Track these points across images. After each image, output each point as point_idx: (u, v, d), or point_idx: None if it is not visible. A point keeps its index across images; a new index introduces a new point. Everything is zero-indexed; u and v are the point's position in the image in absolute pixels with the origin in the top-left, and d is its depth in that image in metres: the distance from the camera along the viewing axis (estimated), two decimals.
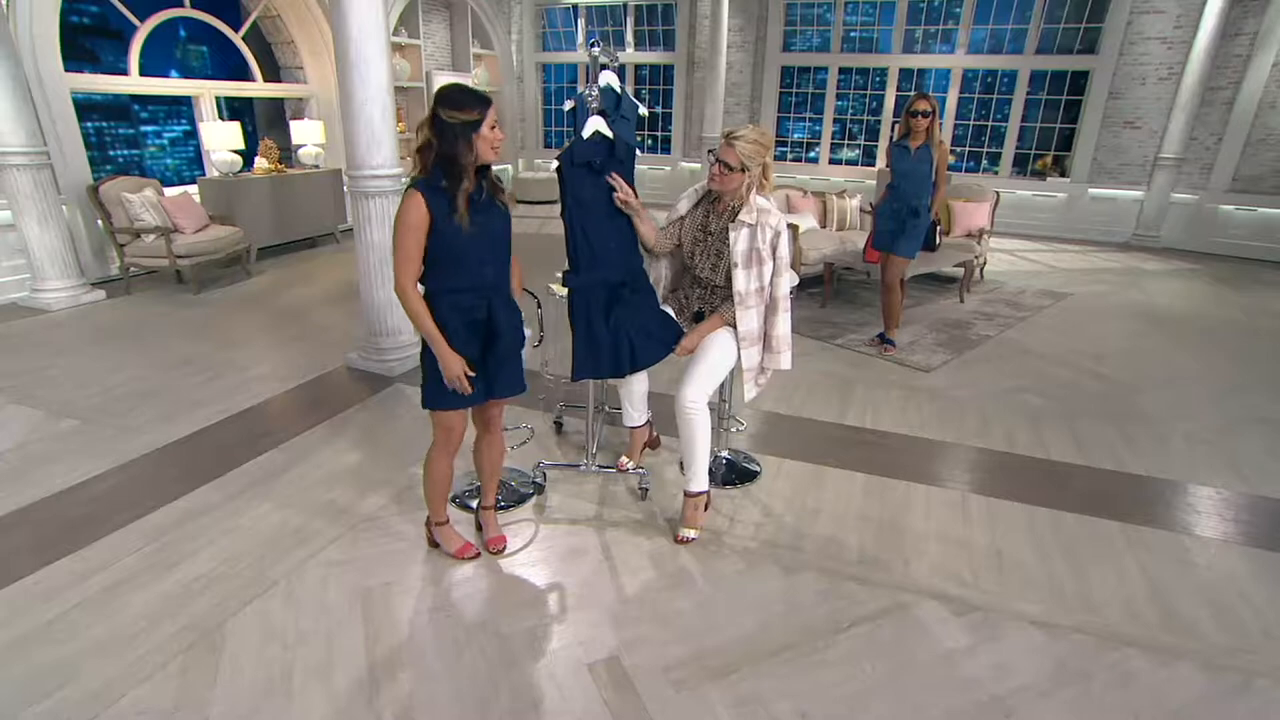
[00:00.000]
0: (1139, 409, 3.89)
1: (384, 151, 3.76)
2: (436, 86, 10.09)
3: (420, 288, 2.08)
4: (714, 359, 2.48)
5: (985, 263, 6.57)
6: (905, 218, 4.22)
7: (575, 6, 11.10)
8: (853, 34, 9.88)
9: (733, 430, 3.17)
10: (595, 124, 2.35)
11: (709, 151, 2.44)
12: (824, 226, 6.47)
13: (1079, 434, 3.56)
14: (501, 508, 2.78)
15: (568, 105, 2.56)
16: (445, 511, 2.45)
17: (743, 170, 2.33)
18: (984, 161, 9.63)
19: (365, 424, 3.46)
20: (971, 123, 9.52)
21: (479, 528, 2.59)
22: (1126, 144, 8.71)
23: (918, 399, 3.94)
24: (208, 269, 6.00)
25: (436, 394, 2.15)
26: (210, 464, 3.03)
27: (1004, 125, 9.34)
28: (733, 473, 3.04)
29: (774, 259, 2.41)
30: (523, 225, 9.13)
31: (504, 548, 2.52)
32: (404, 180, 2.05)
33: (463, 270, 2.06)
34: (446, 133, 1.91)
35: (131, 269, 5.68)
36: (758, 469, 3.12)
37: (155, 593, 2.24)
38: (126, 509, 2.68)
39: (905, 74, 9.67)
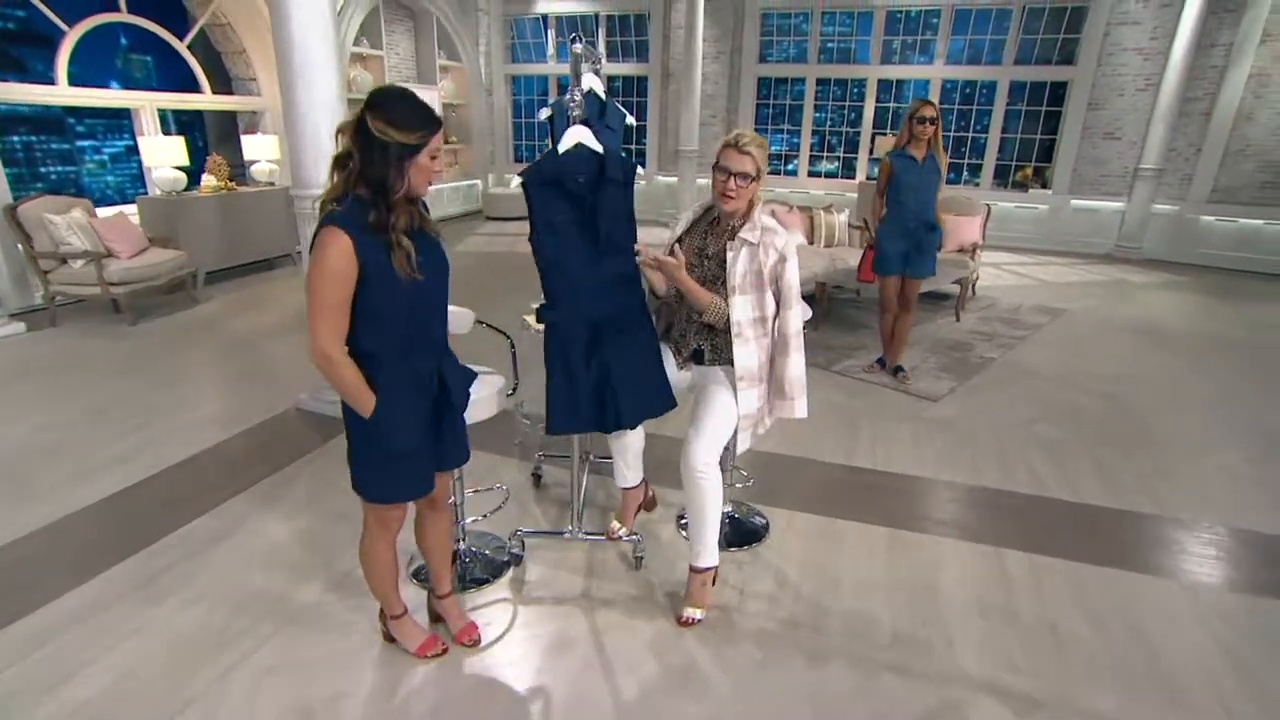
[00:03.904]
0: (1163, 437, 3.62)
1: None
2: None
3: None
4: (724, 409, 2.10)
5: (978, 278, 6.34)
6: (921, 234, 3.91)
7: (544, 17, 10.77)
8: (830, 44, 9.70)
9: (736, 485, 2.79)
10: (578, 135, 1.97)
11: (715, 167, 2.08)
12: (812, 243, 6.18)
13: (1107, 469, 3.26)
14: (475, 581, 2.38)
15: (543, 114, 2.19)
16: (400, 602, 2.02)
17: (758, 178, 2.04)
18: (965, 173, 9.48)
19: (313, 481, 3.01)
20: (952, 134, 9.37)
21: (435, 618, 2.16)
22: (1107, 155, 8.62)
23: (929, 432, 3.62)
24: (148, 296, 5.47)
25: (379, 481, 1.72)
26: (120, 540, 2.55)
27: (984, 137, 9.21)
28: (737, 532, 2.66)
29: (777, 288, 2.07)
30: (493, 244, 8.72)
31: (478, 639, 2.10)
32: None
33: (408, 328, 1.63)
34: (374, 150, 1.49)
35: (57, 298, 5.12)
36: (764, 522, 2.75)
37: None
38: None
39: (884, 85, 9.50)
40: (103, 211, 5.66)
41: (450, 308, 2.07)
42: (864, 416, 3.79)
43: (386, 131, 1.47)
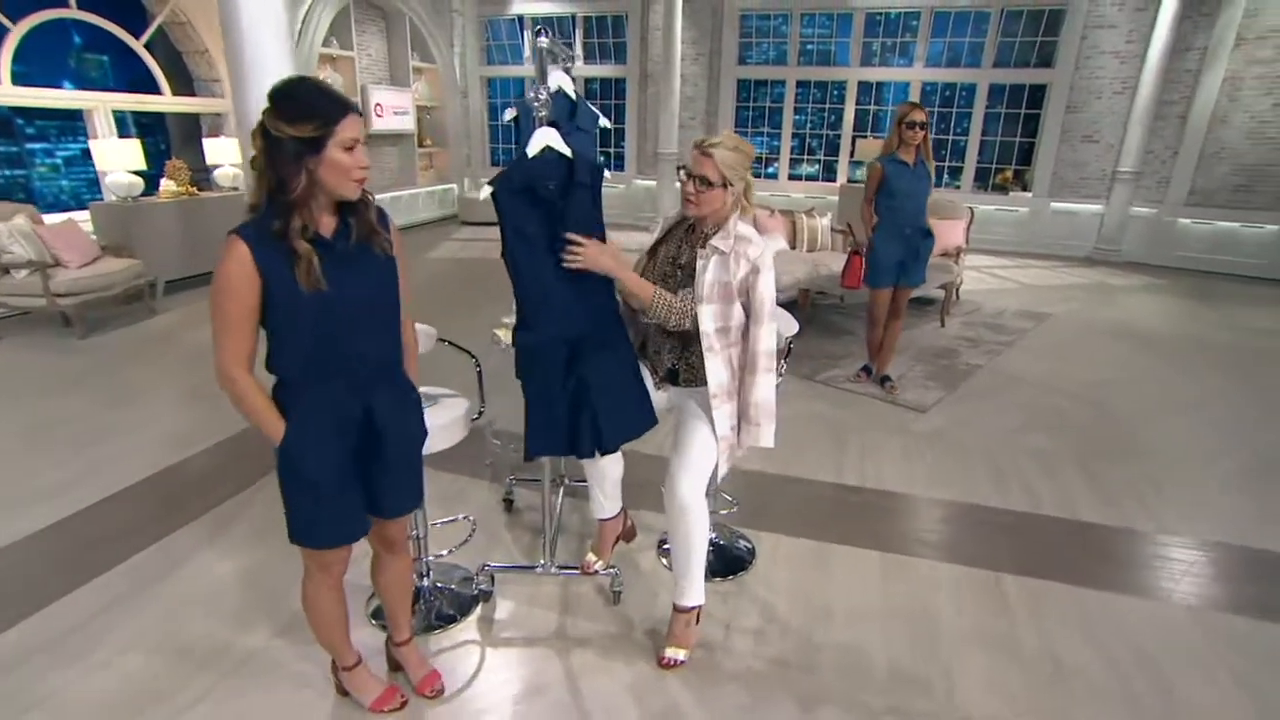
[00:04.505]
0: (1155, 446, 3.54)
1: None
2: (373, 102, 9.32)
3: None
4: (705, 440, 1.95)
5: (962, 283, 6.27)
6: (917, 241, 3.81)
7: (520, 18, 10.58)
8: (809, 46, 9.62)
9: (720, 511, 2.63)
10: (546, 138, 1.80)
11: (679, 168, 1.94)
12: (794, 248, 6.06)
13: (1099, 481, 3.16)
14: (441, 619, 2.20)
15: (508, 115, 2.02)
16: (353, 652, 1.84)
17: (725, 186, 1.86)
18: (945, 176, 9.45)
19: (265, 510, 2.79)
20: (932, 136, 9.33)
21: (394, 666, 1.98)
22: (1085, 157, 8.63)
23: (918, 446, 3.50)
24: (101, 308, 5.19)
25: (303, 521, 1.55)
26: (47, 582, 2.32)
27: (964, 139, 9.19)
28: (721, 560, 2.50)
29: (748, 301, 1.91)
30: (468, 250, 8.50)
31: (441, 689, 1.92)
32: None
33: (315, 348, 1.45)
34: (272, 150, 1.34)
35: None
36: (750, 547, 2.60)
37: None
38: None
39: (864, 87, 9.45)
40: (51, 218, 5.38)
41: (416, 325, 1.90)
42: (851, 429, 3.66)
43: (279, 127, 1.32)
